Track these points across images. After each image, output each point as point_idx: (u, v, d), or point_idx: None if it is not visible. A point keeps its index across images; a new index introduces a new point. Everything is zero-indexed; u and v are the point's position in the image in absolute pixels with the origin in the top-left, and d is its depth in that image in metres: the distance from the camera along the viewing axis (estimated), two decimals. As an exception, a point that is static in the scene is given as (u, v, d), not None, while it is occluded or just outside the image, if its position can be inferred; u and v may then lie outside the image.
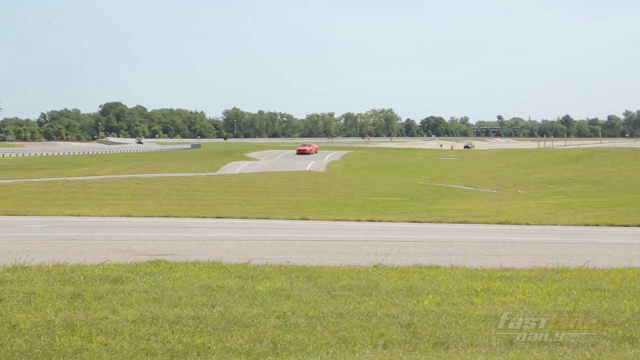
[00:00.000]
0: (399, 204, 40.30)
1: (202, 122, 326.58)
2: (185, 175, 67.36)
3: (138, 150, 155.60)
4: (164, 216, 28.50)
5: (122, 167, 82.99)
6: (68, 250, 17.59)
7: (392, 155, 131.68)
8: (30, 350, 9.31)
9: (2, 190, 44.22)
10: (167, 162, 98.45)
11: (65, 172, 70.17)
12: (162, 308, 11.40)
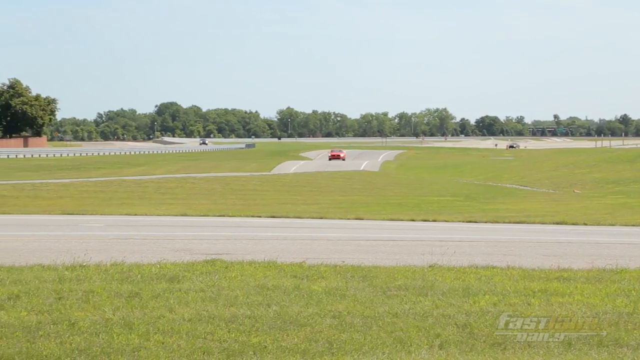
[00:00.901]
0: (454, 204, 40.07)
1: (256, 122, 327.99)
2: (240, 174, 67.65)
3: (193, 150, 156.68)
4: (219, 215, 28.64)
5: (177, 167, 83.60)
6: (125, 249, 17.76)
7: (446, 155, 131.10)
8: (89, 348, 9.41)
9: (60, 189, 44.79)
10: (222, 162, 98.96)
11: (121, 172, 70.90)
12: (218, 307, 11.46)
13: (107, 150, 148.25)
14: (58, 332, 9.97)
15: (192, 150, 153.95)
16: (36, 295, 11.91)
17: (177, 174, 66.85)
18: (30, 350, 9.22)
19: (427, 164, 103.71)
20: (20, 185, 48.38)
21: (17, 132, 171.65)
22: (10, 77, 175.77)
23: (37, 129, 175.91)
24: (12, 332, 9.90)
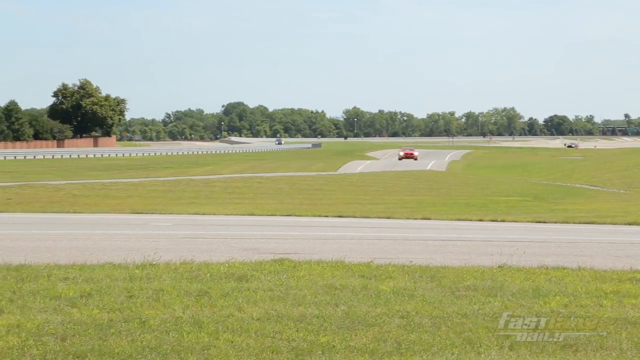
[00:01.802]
0: (522, 204, 39.66)
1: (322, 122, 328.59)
2: (306, 174, 67.82)
3: (259, 150, 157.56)
4: (286, 215, 28.73)
5: (244, 167, 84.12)
6: (194, 248, 17.92)
7: (514, 155, 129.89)
8: (160, 346, 9.50)
9: (129, 188, 45.37)
10: (288, 162, 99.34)
11: (189, 172, 71.54)
12: (286, 306, 11.49)
13: (175, 150, 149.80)
14: (129, 330, 10.08)
15: (258, 150, 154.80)
16: (107, 293, 12.07)
17: (243, 174, 67.26)
18: (102, 348, 9.34)
19: (494, 163, 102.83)
20: (90, 184, 49.12)
21: (87, 132, 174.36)
22: (80, 78, 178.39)
23: (106, 129, 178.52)
24: (85, 330, 10.04)
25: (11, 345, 9.37)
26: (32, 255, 15.94)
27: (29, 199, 35.83)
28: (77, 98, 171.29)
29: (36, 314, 10.80)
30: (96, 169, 76.62)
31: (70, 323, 10.32)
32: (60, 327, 10.12)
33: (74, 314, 10.82)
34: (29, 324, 10.25)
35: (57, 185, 47.56)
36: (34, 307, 11.17)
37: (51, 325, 10.22)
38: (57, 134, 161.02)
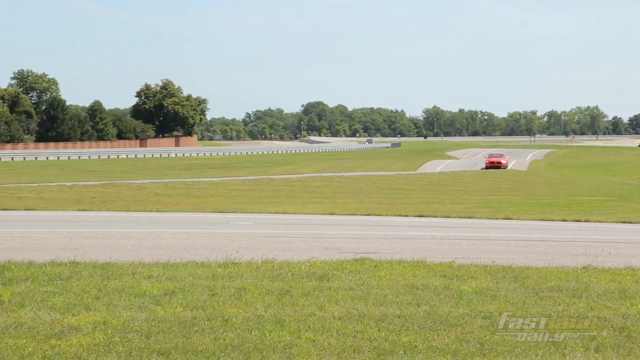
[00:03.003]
0: (606, 204, 38.95)
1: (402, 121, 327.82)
2: (385, 173, 67.67)
3: (338, 149, 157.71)
4: (366, 214, 28.69)
5: (324, 166, 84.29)
6: (275, 247, 18.00)
7: (597, 154, 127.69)
8: (242, 344, 9.55)
9: (210, 188, 45.81)
10: (368, 161, 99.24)
11: (269, 171, 71.97)
12: (367, 306, 11.47)
13: (255, 150, 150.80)
14: (212, 328, 10.16)
15: (338, 150, 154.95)
16: (191, 291, 12.19)
17: (323, 173, 67.38)
18: (186, 346, 9.43)
19: (577, 163, 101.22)
20: (172, 183, 49.75)
21: (169, 131, 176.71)
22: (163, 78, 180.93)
23: (188, 129, 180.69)
24: (169, 327, 10.15)
25: (97, 341, 9.52)
26: (117, 253, 16.20)
27: (112, 197, 36.43)
28: (159, 98, 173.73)
29: (121, 311, 10.97)
30: (178, 168, 77.55)
31: (154, 320, 10.45)
32: (145, 325, 10.26)
33: (158, 312, 10.95)
34: (115, 321, 10.40)
35: (140, 184, 48.28)
36: (119, 304, 11.34)
37: (136, 322, 10.36)
38: (140, 133, 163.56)
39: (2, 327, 10.00)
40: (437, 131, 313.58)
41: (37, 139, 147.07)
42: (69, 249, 16.83)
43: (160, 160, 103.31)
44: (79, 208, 29.83)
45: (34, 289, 12.16)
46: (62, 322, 10.32)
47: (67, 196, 37.03)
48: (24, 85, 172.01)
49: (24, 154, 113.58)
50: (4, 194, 37.90)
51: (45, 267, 13.94)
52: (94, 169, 75.46)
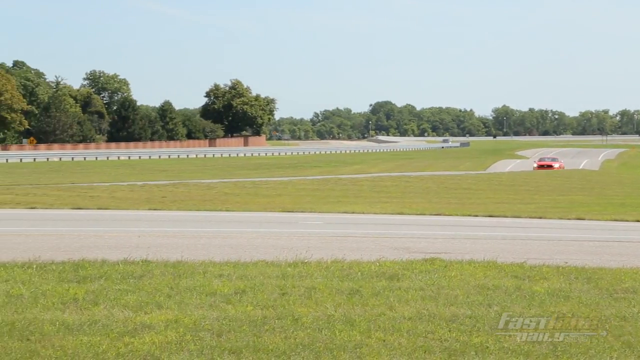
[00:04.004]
0: (681, 204, 38.16)
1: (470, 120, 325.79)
2: (454, 173, 67.28)
3: (407, 149, 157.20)
4: (435, 214, 28.54)
5: (392, 166, 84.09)
6: (345, 246, 18.00)
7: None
8: (313, 343, 9.56)
9: (278, 187, 45.98)
10: (436, 161, 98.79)
11: (337, 170, 72.01)
12: (438, 306, 11.40)
13: (323, 149, 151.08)
14: (283, 327, 10.19)
15: (406, 149, 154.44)
16: (261, 290, 12.24)
17: (391, 173, 67.21)
18: (256, 344, 9.46)
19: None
20: (241, 183, 50.06)
21: (237, 131, 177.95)
22: (232, 78, 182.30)
23: (256, 128, 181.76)
24: (239, 326, 10.20)
25: (170, 339, 9.61)
26: (187, 252, 16.35)
27: (182, 197, 36.77)
28: (228, 98, 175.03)
29: (193, 309, 11.05)
30: (246, 168, 78.02)
31: (225, 319, 10.52)
32: (216, 323, 10.32)
33: (229, 310, 11.02)
34: (186, 319, 10.49)
35: (209, 183, 48.68)
36: (190, 303, 11.43)
37: (207, 320, 10.44)
38: (209, 133, 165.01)
39: (77, 325, 10.15)
40: (507, 131, 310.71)
41: (108, 139, 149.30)
42: (141, 247, 17.04)
43: (229, 160, 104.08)
44: (150, 207, 30.18)
45: (107, 287, 12.33)
46: (135, 320, 10.45)
47: (138, 195, 37.49)
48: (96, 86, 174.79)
49: (96, 153, 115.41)
50: (77, 193, 38.52)
51: (118, 266, 14.12)
52: (164, 169, 76.31)
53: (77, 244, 17.96)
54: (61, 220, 24.62)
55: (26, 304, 11.24)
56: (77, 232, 20.56)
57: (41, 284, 12.56)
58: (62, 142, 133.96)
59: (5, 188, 42.41)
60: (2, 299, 11.46)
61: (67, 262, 14.40)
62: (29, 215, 26.41)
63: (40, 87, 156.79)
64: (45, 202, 32.21)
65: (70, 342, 9.45)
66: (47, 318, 10.45)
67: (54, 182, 49.68)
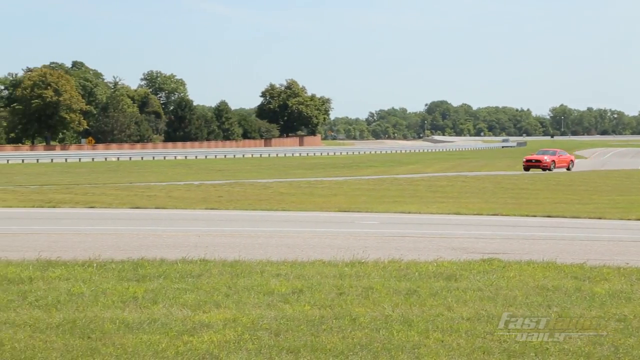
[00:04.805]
0: None
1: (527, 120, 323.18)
2: (511, 173, 66.64)
3: (463, 148, 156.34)
4: (492, 214, 28.31)
5: (447, 165, 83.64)
6: (401, 246, 17.94)
7: None
8: (370, 343, 9.55)
9: (334, 187, 45.96)
10: (492, 160, 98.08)
11: (392, 170, 71.78)
12: (497, 307, 11.33)
13: (378, 149, 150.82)
14: (340, 327, 10.19)
15: (462, 149, 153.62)
16: (318, 290, 12.26)
17: (447, 172, 66.82)
18: (314, 344, 9.47)
19: None
20: (296, 183, 50.13)
21: (293, 131, 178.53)
22: (287, 78, 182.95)
23: (311, 128, 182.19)
24: (297, 326, 10.22)
25: (228, 338, 9.67)
26: (245, 251, 16.43)
27: (238, 196, 36.93)
28: (283, 98, 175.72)
29: (251, 309, 11.10)
30: (302, 168, 78.14)
31: (283, 318, 10.55)
32: (274, 322, 10.36)
33: (286, 310, 11.05)
34: (244, 318, 10.54)
35: (265, 183, 48.84)
36: (248, 302, 11.49)
37: (265, 320, 10.48)
38: (265, 133, 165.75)
39: (136, 323, 10.25)
40: (564, 130, 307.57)
41: (165, 139, 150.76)
42: (198, 246, 17.16)
43: (285, 160, 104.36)
44: (207, 207, 30.36)
45: (166, 286, 12.44)
46: (193, 318, 10.52)
47: (195, 195, 37.74)
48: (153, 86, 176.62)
49: (153, 153, 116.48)
50: (135, 192, 38.91)
51: (176, 265, 14.24)
52: (220, 168, 76.75)
53: (136, 243, 18.15)
54: (120, 220, 24.89)
55: (87, 302, 11.39)
56: (135, 232, 20.77)
57: (101, 282, 12.72)
58: (119, 142, 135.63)
59: (64, 187, 42.98)
60: (64, 297, 11.62)
61: (126, 261, 14.56)
62: (88, 215, 26.74)
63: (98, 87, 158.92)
64: (103, 201, 32.58)
65: (130, 340, 9.55)
66: (108, 316, 10.58)
67: (112, 182, 50.25)
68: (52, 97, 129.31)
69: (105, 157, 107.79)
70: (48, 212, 27.49)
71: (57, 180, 53.10)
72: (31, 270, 13.61)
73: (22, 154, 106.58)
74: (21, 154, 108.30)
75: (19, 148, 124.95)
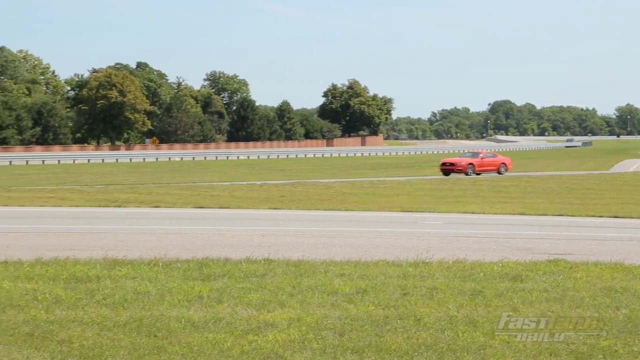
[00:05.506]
0: None
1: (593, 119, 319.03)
2: (576, 173, 65.85)
3: (526, 148, 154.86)
4: (557, 215, 27.97)
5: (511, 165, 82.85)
6: (466, 247, 17.82)
7: None
8: (435, 344, 9.49)
9: (396, 187, 45.82)
10: (557, 160, 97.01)
11: (455, 170, 71.26)
12: (563, 308, 11.20)
13: (441, 149, 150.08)
14: (405, 327, 10.15)
15: (525, 149, 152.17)
16: (382, 290, 12.24)
17: (511, 173, 66.22)
18: (379, 344, 9.45)
19: None
20: (359, 182, 50.09)
21: (355, 131, 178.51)
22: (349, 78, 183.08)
23: (373, 128, 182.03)
24: (361, 326, 10.21)
25: (292, 338, 9.68)
26: (308, 251, 16.47)
27: (300, 196, 37.00)
28: (345, 98, 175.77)
29: (315, 308, 11.11)
30: (364, 168, 78.05)
31: (347, 318, 10.54)
32: (338, 322, 10.35)
33: (350, 310, 11.04)
34: (309, 318, 10.55)
35: (326, 183, 48.87)
36: (312, 301, 11.50)
37: (329, 320, 10.48)
38: (327, 133, 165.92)
39: (202, 322, 10.32)
40: (631, 129, 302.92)
41: (228, 139, 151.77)
42: (262, 246, 17.23)
43: (347, 160, 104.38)
44: (270, 206, 30.45)
45: (230, 285, 12.51)
46: (258, 318, 10.56)
47: (258, 195, 37.90)
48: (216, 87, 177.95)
49: (216, 153, 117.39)
50: (198, 192, 39.21)
51: (241, 264, 14.31)
52: (282, 168, 77.01)
53: (201, 242, 18.29)
54: (184, 219, 25.09)
55: (153, 301, 11.49)
56: (200, 231, 20.92)
57: (167, 281, 12.84)
58: (183, 142, 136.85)
59: (129, 187, 43.49)
60: (130, 296, 11.75)
61: (191, 260, 14.68)
62: (153, 214, 27.01)
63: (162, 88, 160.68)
64: (168, 201, 32.88)
65: (196, 339, 9.61)
66: (173, 315, 10.66)
67: (176, 182, 50.71)
68: (117, 97, 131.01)
69: (169, 157, 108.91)
70: (114, 212, 27.83)
71: (122, 180, 53.77)
72: (98, 269, 13.80)
73: (88, 154, 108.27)
74: (87, 153, 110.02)
75: (85, 148, 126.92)
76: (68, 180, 52.99)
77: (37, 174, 65.39)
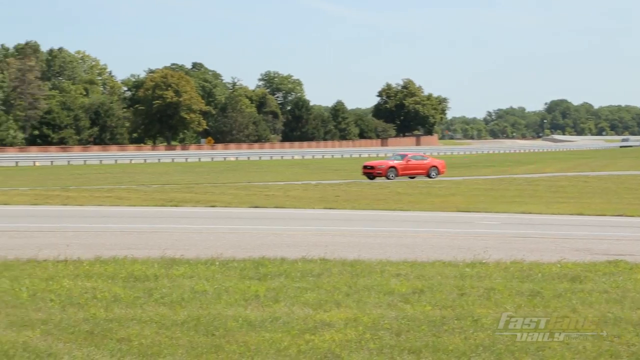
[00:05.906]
0: None
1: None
2: (635, 173, 64.98)
3: (583, 148, 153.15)
4: (617, 215, 27.61)
5: (568, 165, 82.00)
6: (523, 247, 17.67)
7: None
8: (493, 345, 9.42)
9: (452, 187, 45.59)
10: (615, 160, 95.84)
11: (510, 170, 70.78)
12: (624, 309, 11.06)
13: (496, 149, 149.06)
14: (462, 328, 10.09)
15: (583, 148, 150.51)
16: (439, 290, 12.17)
17: (567, 172, 65.53)
18: (436, 344, 9.40)
19: None
20: (414, 182, 49.96)
21: (409, 130, 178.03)
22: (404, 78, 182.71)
23: (428, 128, 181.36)
24: (418, 326, 10.16)
25: (349, 338, 9.67)
26: (364, 251, 16.45)
27: (355, 196, 36.98)
28: (400, 97, 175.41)
29: (371, 308, 11.09)
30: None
31: (404, 319, 10.50)
32: (395, 322, 10.32)
33: (407, 310, 11.00)
34: (365, 318, 10.53)
35: (382, 183, 48.82)
36: (369, 301, 11.48)
37: (386, 320, 10.45)
38: (381, 133, 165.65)
39: (259, 321, 10.35)
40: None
41: (282, 139, 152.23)
42: (318, 246, 17.23)
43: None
44: (325, 206, 30.48)
45: (287, 285, 12.53)
46: (314, 317, 10.56)
47: (312, 194, 37.96)
48: (270, 87, 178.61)
49: (271, 153, 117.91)
50: (253, 192, 39.38)
51: (297, 264, 14.34)
52: (337, 168, 77.04)
53: (258, 242, 18.35)
54: (240, 219, 25.22)
55: (210, 299, 11.55)
56: (255, 230, 21.00)
57: (224, 280, 12.90)
58: (238, 141, 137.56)
59: (185, 187, 43.83)
60: (188, 295, 11.82)
61: (248, 260, 14.73)
62: (210, 214, 27.18)
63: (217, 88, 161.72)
64: (223, 200, 33.07)
65: (253, 338, 9.64)
66: (230, 314, 10.71)
67: (231, 181, 50.99)
68: (173, 97, 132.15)
69: (224, 156, 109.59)
70: (170, 211, 28.06)
71: (178, 179, 54.22)
72: (156, 268, 13.90)
73: (145, 154, 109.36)
74: (143, 153, 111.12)
75: (141, 148, 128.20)
76: (125, 180, 53.56)
77: (94, 173, 66.20)
